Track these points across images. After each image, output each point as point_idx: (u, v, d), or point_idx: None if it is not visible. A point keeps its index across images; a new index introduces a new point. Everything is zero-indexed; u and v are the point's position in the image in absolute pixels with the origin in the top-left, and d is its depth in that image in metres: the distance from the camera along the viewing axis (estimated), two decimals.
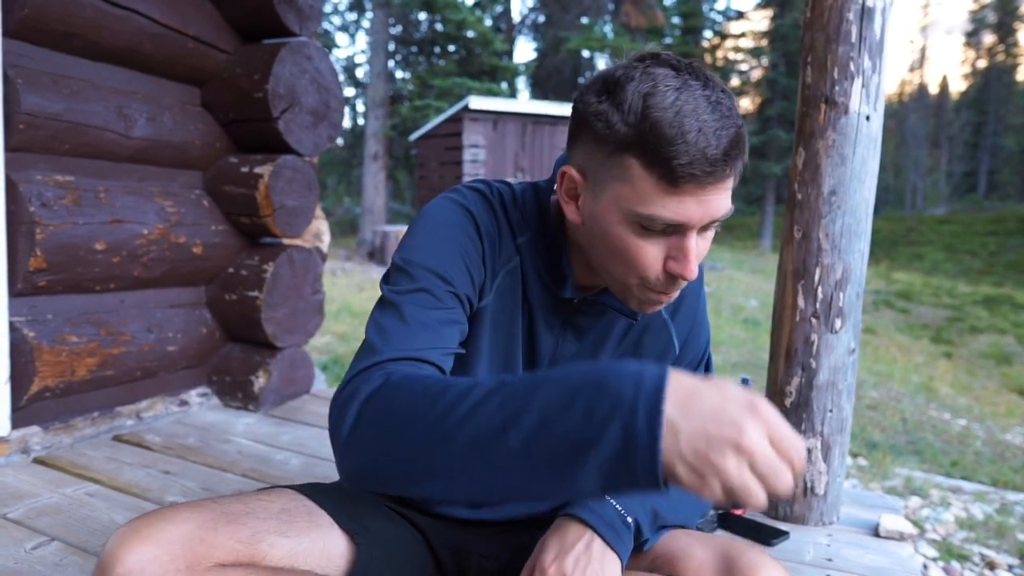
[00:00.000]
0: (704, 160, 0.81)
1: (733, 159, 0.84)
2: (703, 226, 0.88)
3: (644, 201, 0.84)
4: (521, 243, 1.05)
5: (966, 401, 5.99)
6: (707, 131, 0.81)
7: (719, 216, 0.87)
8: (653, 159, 0.81)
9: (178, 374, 2.61)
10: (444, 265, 0.95)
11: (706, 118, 0.81)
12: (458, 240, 0.98)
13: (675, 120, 0.80)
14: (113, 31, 2.17)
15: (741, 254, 16.98)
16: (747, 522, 1.73)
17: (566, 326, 1.09)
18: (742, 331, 7.56)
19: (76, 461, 2.07)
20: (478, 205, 1.03)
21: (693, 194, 0.83)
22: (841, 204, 1.68)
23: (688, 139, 0.80)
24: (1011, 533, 2.91)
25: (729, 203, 0.88)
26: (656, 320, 1.12)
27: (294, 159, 2.61)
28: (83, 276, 2.18)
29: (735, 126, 0.83)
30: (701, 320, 1.18)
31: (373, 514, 1.08)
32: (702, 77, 0.85)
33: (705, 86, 0.83)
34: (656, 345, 1.13)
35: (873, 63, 1.66)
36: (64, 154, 2.14)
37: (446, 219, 1.00)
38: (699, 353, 1.19)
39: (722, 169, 0.83)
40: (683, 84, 0.82)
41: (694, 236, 0.88)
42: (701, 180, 0.82)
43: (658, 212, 0.84)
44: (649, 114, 0.81)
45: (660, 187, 0.83)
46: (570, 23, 18.99)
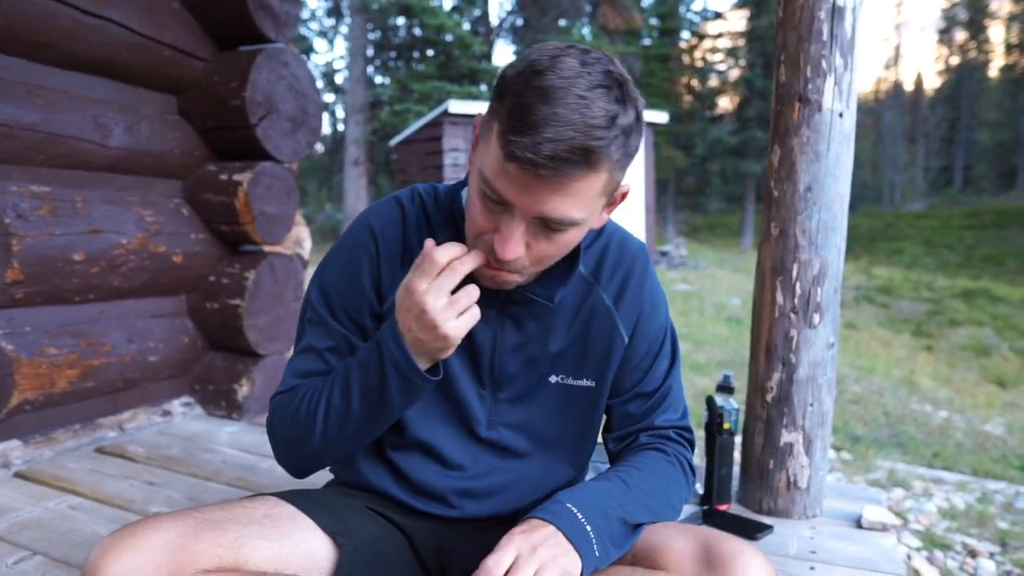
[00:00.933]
0: (531, 148, 0.80)
1: (564, 163, 0.80)
2: (538, 220, 0.88)
3: (488, 165, 0.87)
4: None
5: (947, 393, 6.06)
6: (551, 124, 0.79)
7: (550, 216, 0.86)
8: (502, 127, 0.83)
9: (160, 384, 2.59)
10: (337, 293, 1.10)
11: (561, 112, 0.79)
12: (352, 262, 1.10)
13: (532, 104, 0.80)
14: (89, 41, 2.15)
15: (723, 253, 17.10)
16: (731, 517, 1.75)
17: (502, 317, 1.09)
18: (725, 329, 7.62)
19: (58, 474, 2.05)
20: (387, 216, 1.10)
21: (520, 179, 0.84)
22: (817, 200, 1.70)
23: (528, 122, 0.80)
24: (992, 521, 2.96)
25: (568, 210, 0.85)
26: (599, 309, 1.11)
27: (273, 166, 2.61)
28: (61, 287, 2.16)
29: (588, 137, 0.80)
30: (651, 308, 1.15)
31: (355, 517, 1.08)
32: (600, 80, 0.82)
33: (593, 88, 0.81)
34: (603, 335, 1.12)
35: (845, 61, 1.68)
36: (40, 165, 2.13)
37: (343, 246, 1.13)
38: (655, 343, 1.16)
39: (548, 167, 0.81)
40: (573, 77, 0.81)
41: (522, 223, 0.88)
42: (524, 166, 0.82)
43: (492, 179, 0.86)
44: (523, 88, 0.82)
45: (499, 157, 0.85)
46: (548, 26, 19.04)
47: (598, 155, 0.82)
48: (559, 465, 1.19)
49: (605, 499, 0.97)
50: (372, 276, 1.08)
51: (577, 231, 0.92)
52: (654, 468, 1.08)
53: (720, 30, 24.86)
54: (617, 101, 0.83)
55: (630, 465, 1.07)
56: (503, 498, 1.16)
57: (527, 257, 0.93)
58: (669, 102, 22.29)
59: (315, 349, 1.09)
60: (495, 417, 1.13)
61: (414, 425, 1.13)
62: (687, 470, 1.13)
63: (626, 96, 0.85)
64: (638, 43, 21.01)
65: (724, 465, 1.81)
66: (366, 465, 1.18)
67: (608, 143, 0.82)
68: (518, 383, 1.12)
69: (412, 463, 1.15)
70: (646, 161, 11.89)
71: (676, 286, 10.14)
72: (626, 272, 1.11)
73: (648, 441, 1.14)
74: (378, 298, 1.09)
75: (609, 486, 1.00)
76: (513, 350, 1.11)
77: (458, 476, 1.14)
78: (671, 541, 0.98)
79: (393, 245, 1.09)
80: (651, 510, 1.01)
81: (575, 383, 1.13)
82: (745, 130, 21.17)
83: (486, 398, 1.13)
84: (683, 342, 6.74)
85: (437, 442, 1.13)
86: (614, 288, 1.11)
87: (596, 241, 1.12)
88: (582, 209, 0.87)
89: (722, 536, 0.97)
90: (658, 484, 1.06)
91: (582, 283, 1.10)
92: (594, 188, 0.86)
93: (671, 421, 1.16)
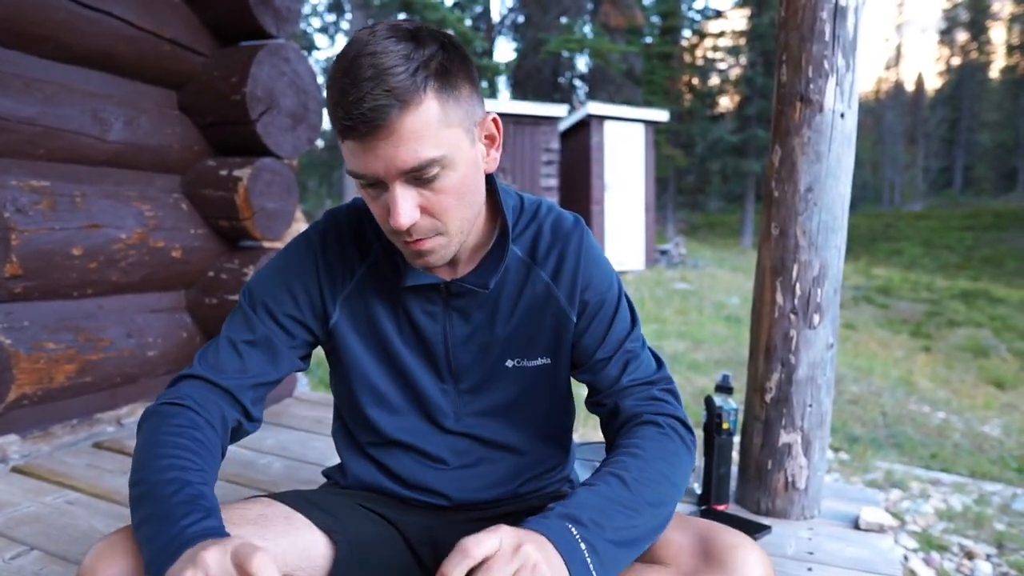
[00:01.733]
0: (346, 116, 0.84)
1: (375, 111, 0.83)
2: (406, 177, 0.88)
3: (345, 157, 0.90)
4: (377, 248, 1.11)
5: (945, 394, 6.06)
6: (354, 86, 0.83)
7: (407, 166, 0.87)
8: (332, 121, 0.87)
9: (159, 379, 2.59)
10: (271, 295, 1.09)
11: (358, 73, 0.83)
12: (289, 270, 1.10)
13: (336, 80, 0.85)
14: (87, 34, 2.15)
15: (722, 252, 17.09)
16: (729, 517, 1.75)
17: (448, 310, 1.10)
18: (724, 328, 7.61)
19: (55, 469, 2.05)
20: (325, 229, 1.12)
21: (360, 148, 0.86)
22: (817, 201, 1.70)
23: (338, 98, 0.84)
24: (989, 523, 2.96)
25: (419, 152, 0.86)
26: (539, 289, 1.11)
27: (273, 162, 2.60)
28: (60, 282, 2.16)
29: (386, 78, 0.83)
30: (594, 279, 1.12)
31: (349, 514, 1.10)
32: (387, 34, 0.86)
33: (380, 42, 0.84)
34: (548, 314, 1.11)
35: (847, 61, 1.68)
36: (39, 159, 2.12)
37: (281, 255, 1.13)
38: (607, 311, 1.12)
39: (365, 122, 0.83)
40: (362, 44, 0.85)
41: (397, 187, 0.89)
42: (354, 136, 0.85)
43: (349, 165, 0.89)
44: (331, 81, 0.87)
45: (342, 145, 0.88)
46: (550, 23, 19.03)
47: (403, 89, 0.84)
48: (539, 444, 1.20)
49: (602, 518, 0.87)
50: (307, 287, 1.10)
51: (452, 172, 0.92)
52: (652, 450, 1.00)
53: (721, 29, 24.81)
54: (408, 41, 0.86)
55: (627, 454, 0.99)
56: (491, 484, 1.18)
57: (429, 217, 0.93)
58: (670, 100, 22.29)
59: (231, 341, 1.07)
60: (460, 408, 1.15)
61: (386, 426, 1.15)
62: (684, 438, 1.06)
63: (418, 36, 0.87)
64: (639, 41, 20.99)
65: (722, 465, 1.81)
66: (354, 463, 1.20)
67: (410, 74, 0.84)
68: (475, 372, 1.14)
69: (395, 460, 1.17)
70: (646, 159, 11.87)
71: (675, 284, 10.14)
72: (562, 249, 1.11)
73: (636, 411, 1.08)
74: (316, 313, 1.11)
75: (608, 491, 0.91)
76: (464, 341, 1.12)
77: (442, 468, 1.17)
78: (669, 534, 0.98)
79: (333, 256, 1.11)
80: (655, 504, 0.94)
81: (530, 364, 1.14)
82: (745, 129, 21.15)
83: (449, 391, 1.14)
84: (682, 341, 6.74)
85: (413, 440, 1.16)
86: (551, 266, 1.11)
87: (531, 223, 1.13)
88: (433, 146, 0.88)
89: (719, 528, 0.96)
90: (660, 467, 0.99)
91: (520, 265, 1.11)
92: (427, 121, 0.86)
93: (645, 377, 1.12)
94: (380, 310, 1.11)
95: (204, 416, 0.98)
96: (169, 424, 0.94)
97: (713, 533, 0.95)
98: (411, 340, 1.12)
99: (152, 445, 0.91)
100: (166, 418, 0.95)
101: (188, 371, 1.05)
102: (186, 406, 0.98)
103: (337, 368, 1.17)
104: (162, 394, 1.02)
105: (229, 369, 1.05)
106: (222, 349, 1.06)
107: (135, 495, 0.86)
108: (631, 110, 11.79)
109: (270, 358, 1.08)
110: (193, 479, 0.86)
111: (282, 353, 1.09)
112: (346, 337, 1.12)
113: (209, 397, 1.02)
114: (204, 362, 1.05)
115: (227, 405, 1.04)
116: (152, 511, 0.81)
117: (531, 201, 1.16)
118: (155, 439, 0.92)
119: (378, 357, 1.13)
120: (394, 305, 1.11)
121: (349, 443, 1.22)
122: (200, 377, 1.03)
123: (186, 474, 0.86)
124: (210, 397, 1.02)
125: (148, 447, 0.91)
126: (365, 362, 1.13)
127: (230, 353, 1.06)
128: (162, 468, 0.87)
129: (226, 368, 1.05)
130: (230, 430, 1.05)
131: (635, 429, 1.05)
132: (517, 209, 1.13)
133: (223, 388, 1.03)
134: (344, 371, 1.15)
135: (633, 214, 11.71)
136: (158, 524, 0.79)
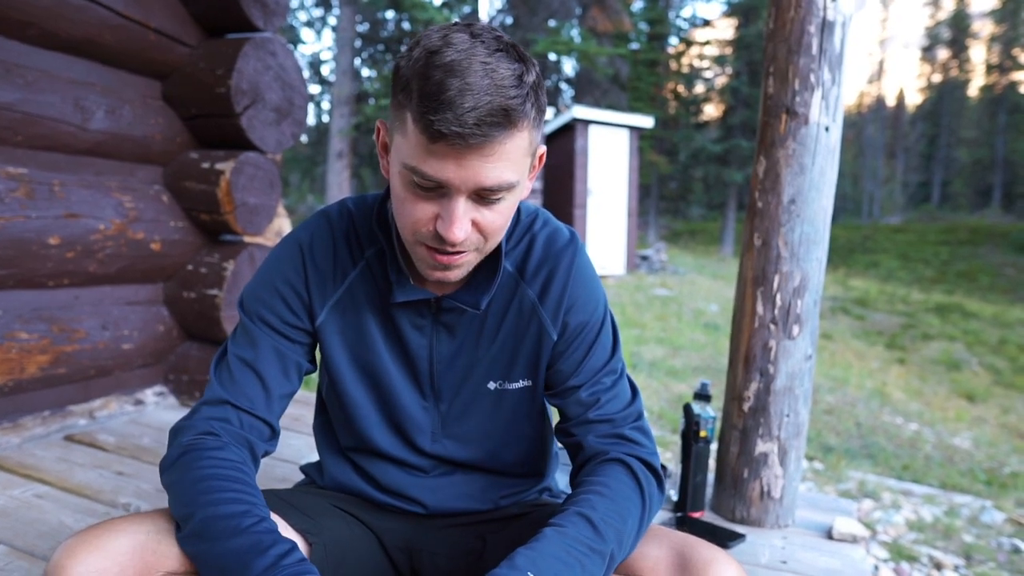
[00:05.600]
0: (455, 122, 0.80)
1: (489, 127, 0.81)
2: (476, 193, 0.87)
3: (412, 154, 0.86)
4: (369, 255, 1.08)
5: (918, 406, 6.14)
6: (467, 94, 0.80)
7: (487, 184, 0.86)
8: (418, 113, 0.83)
9: (134, 372, 2.56)
10: (266, 305, 1.07)
11: (472, 81, 0.80)
12: (278, 276, 1.08)
13: (442, 79, 0.81)
14: (72, 21, 2.12)
15: (703, 259, 17.19)
16: (704, 525, 1.75)
17: (437, 326, 1.09)
18: (703, 335, 7.66)
19: (24, 462, 2.01)
20: (314, 232, 1.09)
21: (450, 155, 0.83)
22: (800, 213, 1.71)
23: (444, 98, 0.80)
24: (957, 535, 3.00)
25: (503, 174, 0.86)
26: (525, 305, 1.08)
27: (256, 156, 2.58)
28: (35, 271, 2.12)
29: (503, 97, 0.81)
30: (580, 301, 1.09)
31: (325, 516, 1.09)
32: (495, 45, 0.84)
33: (492, 53, 0.83)
34: (531, 332, 1.09)
35: (833, 75, 1.69)
36: (17, 146, 2.09)
37: (270, 260, 1.11)
38: (588, 336, 1.10)
39: (475, 135, 0.81)
40: (469, 48, 0.83)
41: (462, 200, 0.87)
42: (452, 141, 0.82)
43: (420, 166, 0.85)
44: (425, 70, 0.82)
45: (422, 142, 0.84)
46: (538, 25, 19.02)
47: (516, 112, 0.83)
48: (517, 465, 1.19)
49: (565, 571, 0.85)
50: (296, 290, 1.08)
51: (512, 196, 0.92)
52: (620, 490, 0.99)
53: (708, 37, 25.04)
54: (517, 60, 0.85)
55: (594, 492, 0.97)
56: (469, 495, 1.17)
57: (475, 234, 0.92)
58: (655, 107, 22.38)
59: (242, 359, 1.05)
60: (439, 429, 1.14)
61: (366, 436, 1.14)
62: (646, 482, 1.03)
63: (522, 56, 0.86)
64: (626, 47, 21.06)
65: (699, 473, 1.82)
66: (334, 465, 1.19)
67: (522, 100, 0.84)
68: (457, 394, 1.12)
69: (374, 465, 1.16)
70: (630, 165, 11.91)
71: (655, 290, 10.17)
72: (552, 266, 1.08)
73: (601, 448, 1.06)
74: (308, 314, 1.09)
75: (576, 533, 0.90)
76: (449, 358, 1.10)
77: (421, 476, 1.16)
78: (645, 548, 0.98)
79: (322, 260, 1.08)
80: (619, 546, 0.93)
81: (511, 386, 1.12)
82: (729, 138, 21.29)
83: (430, 409, 1.13)
84: (661, 347, 6.76)
85: (391, 451, 1.15)
86: (539, 283, 1.08)
87: (524, 236, 1.10)
88: (515, 171, 0.88)
89: (696, 543, 0.96)
90: (627, 508, 0.98)
91: (509, 280, 1.08)
92: (520, 147, 0.87)
93: (615, 412, 1.08)
94: (369, 319, 1.09)
95: (237, 450, 0.99)
96: (215, 458, 0.95)
97: (690, 548, 0.95)
98: (397, 354, 1.10)
99: (208, 478, 0.91)
100: (211, 451, 0.96)
101: (212, 396, 1.03)
102: (222, 439, 0.99)
103: (322, 369, 1.16)
104: (190, 423, 1.01)
105: (250, 391, 1.04)
106: (236, 369, 1.05)
107: (200, 523, 0.86)
108: (616, 115, 11.81)
109: (282, 368, 1.07)
110: (263, 513, 0.88)
111: (290, 360, 1.08)
112: (331, 343, 1.10)
113: (239, 430, 1.02)
114: (224, 386, 1.04)
115: (256, 434, 1.04)
116: (235, 543, 0.83)
117: (527, 212, 1.12)
118: (211, 472, 0.92)
119: (362, 369, 1.11)
120: (383, 315, 1.09)
121: (330, 443, 1.21)
122: (227, 403, 1.03)
123: (255, 508, 0.88)
124: (240, 429, 1.02)
125: (203, 480, 0.91)
126: (348, 373, 1.11)
127: (245, 372, 1.05)
128: (227, 501, 0.88)
129: (247, 390, 1.04)
130: (260, 457, 1.06)
131: (601, 467, 1.03)
132: (512, 221, 1.10)
133: (252, 414, 1.03)
134: (327, 375, 1.13)
135: (615, 219, 11.74)
136: (247, 553, 0.81)
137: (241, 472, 0.94)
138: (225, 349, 1.09)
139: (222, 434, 0.99)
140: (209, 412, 1.02)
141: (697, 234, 27.04)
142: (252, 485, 0.94)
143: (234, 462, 0.95)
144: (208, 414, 1.02)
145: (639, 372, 5.71)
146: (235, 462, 0.95)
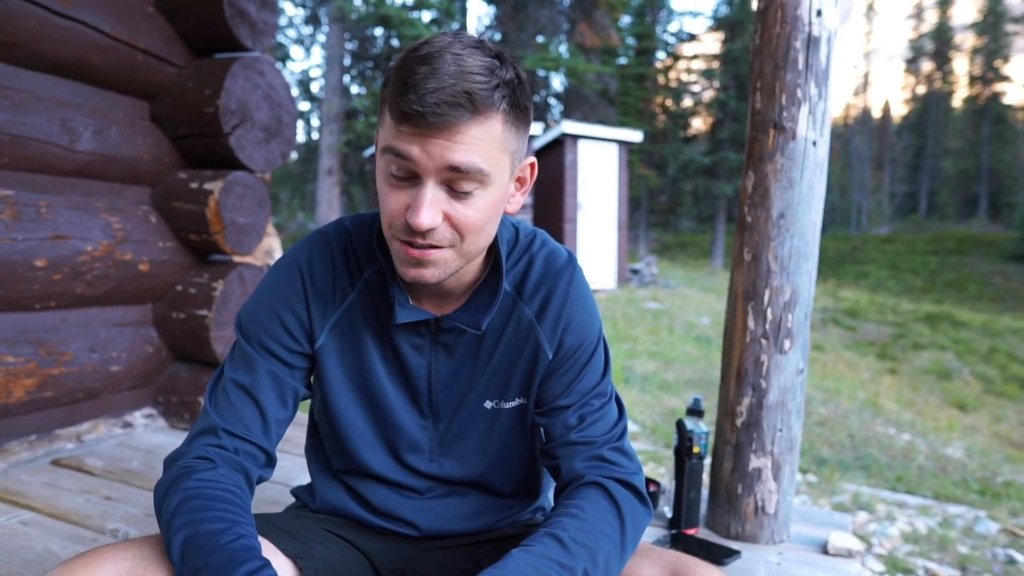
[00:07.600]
0: (417, 101, 0.83)
1: (450, 107, 0.83)
2: (446, 181, 0.88)
3: (384, 136, 0.90)
4: (368, 276, 1.08)
5: (910, 416, 6.15)
6: (431, 77, 0.83)
7: (451, 162, 0.86)
8: (391, 100, 0.87)
9: (122, 395, 2.53)
10: (265, 330, 1.06)
11: (439, 67, 0.84)
12: (278, 299, 1.07)
13: (414, 67, 0.85)
14: (58, 42, 2.11)
15: (693, 272, 17.25)
16: (699, 542, 1.74)
17: (436, 346, 1.08)
18: (694, 348, 7.66)
19: (10, 488, 1.98)
20: (313, 252, 1.08)
21: (415, 135, 0.85)
22: (789, 227, 1.72)
23: (411, 83, 0.84)
24: (952, 546, 3.00)
25: (469, 157, 0.86)
26: (522, 324, 1.08)
27: (245, 175, 2.57)
28: (22, 294, 2.10)
29: (468, 82, 0.84)
30: (576, 321, 1.09)
31: (316, 540, 1.08)
32: (473, 43, 0.88)
33: (466, 47, 0.86)
34: (527, 351, 1.09)
35: (819, 90, 1.70)
36: (3, 167, 2.07)
37: (268, 281, 1.10)
38: (581, 356, 1.10)
39: (435, 114, 0.83)
40: (446, 44, 0.86)
41: (430, 186, 0.88)
42: (415, 120, 0.84)
43: (390, 142, 0.88)
44: (402, 63, 0.87)
45: (392, 122, 0.87)
46: (526, 41, 19.13)
47: (480, 98, 0.84)
48: (513, 485, 1.18)
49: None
50: (297, 314, 1.06)
51: (487, 193, 0.91)
52: (593, 511, 0.98)
53: (695, 52, 25.24)
54: (492, 57, 0.88)
55: (567, 514, 0.97)
56: (463, 516, 1.16)
57: (448, 228, 0.91)
58: (644, 121, 22.53)
59: (239, 384, 1.04)
60: (436, 448, 1.13)
61: (360, 458, 1.13)
62: (623, 502, 1.02)
63: (501, 57, 0.89)
64: (614, 62, 21.22)
65: (693, 489, 1.81)
66: (326, 488, 1.18)
67: (490, 90, 0.85)
68: (455, 414, 1.11)
69: (367, 488, 1.15)
70: (619, 178, 11.96)
71: (646, 304, 10.19)
72: (551, 286, 1.08)
73: (580, 472, 1.05)
74: (307, 337, 1.07)
75: (543, 550, 0.89)
76: (448, 378, 1.09)
77: (414, 498, 1.15)
78: (638, 568, 0.97)
79: (321, 282, 1.07)
80: (595, 564, 0.92)
81: (507, 405, 1.11)
82: (717, 151, 21.44)
83: (428, 428, 1.12)
84: (653, 360, 6.76)
85: (386, 473, 1.13)
86: (537, 302, 1.08)
87: (523, 256, 1.10)
88: (484, 159, 0.87)
89: (691, 561, 0.95)
90: (601, 528, 0.97)
91: (507, 299, 1.08)
92: (491, 137, 0.87)
93: (598, 435, 1.07)
94: (367, 340, 1.08)
95: (231, 474, 0.99)
96: (205, 480, 0.94)
97: (684, 567, 0.94)
98: (395, 373, 1.10)
99: (195, 498, 0.91)
100: (203, 472, 0.95)
101: (208, 424, 1.02)
102: (215, 463, 0.98)
103: (316, 391, 1.14)
104: (186, 450, 1.01)
105: (247, 418, 1.03)
106: (232, 394, 1.04)
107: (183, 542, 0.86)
108: (605, 130, 11.88)
109: (279, 394, 1.05)
110: (245, 531, 0.88)
111: (288, 386, 1.06)
112: (329, 365, 1.09)
113: (234, 456, 1.01)
114: (221, 414, 1.03)
115: (252, 460, 1.03)
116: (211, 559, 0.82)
117: (526, 233, 1.12)
118: (198, 492, 0.92)
119: (359, 389, 1.10)
120: (381, 336, 1.08)
121: (322, 466, 1.20)
122: (224, 431, 1.02)
123: (237, 526, 0.88)
124: (235, 456, 1.01)
125: (190, 499, 0.91)
126: (344, 395, 1.10)
127: (242, 398, 1.04)
128: (214, 519, 0.88)
129: (244, 417, 1.03)
130: (255, 483, 1.05)
131: (578, 490, 1.02)
132: (511, 242, 1.10)
133: (249, 441, 1.02)
134: (323, 397, 1.12)
135: (605, 233, 11.77)
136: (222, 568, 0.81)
137: (230, 492, 0.93)
138: (222, 371, 1.07)
139: (216, 459, 0.98)
140: (205, 440, 1.01)
141: (687, 247, 27.16)
142: (239, 504, 0.92)
143: (224, 483, 0.94)
144: (204, 441, 1.01)
145: (631, 386, 5.70)
146: (225, 483, 0.94)
